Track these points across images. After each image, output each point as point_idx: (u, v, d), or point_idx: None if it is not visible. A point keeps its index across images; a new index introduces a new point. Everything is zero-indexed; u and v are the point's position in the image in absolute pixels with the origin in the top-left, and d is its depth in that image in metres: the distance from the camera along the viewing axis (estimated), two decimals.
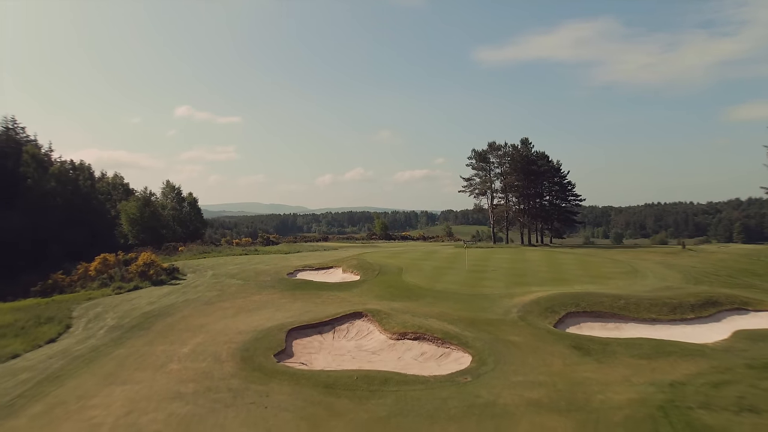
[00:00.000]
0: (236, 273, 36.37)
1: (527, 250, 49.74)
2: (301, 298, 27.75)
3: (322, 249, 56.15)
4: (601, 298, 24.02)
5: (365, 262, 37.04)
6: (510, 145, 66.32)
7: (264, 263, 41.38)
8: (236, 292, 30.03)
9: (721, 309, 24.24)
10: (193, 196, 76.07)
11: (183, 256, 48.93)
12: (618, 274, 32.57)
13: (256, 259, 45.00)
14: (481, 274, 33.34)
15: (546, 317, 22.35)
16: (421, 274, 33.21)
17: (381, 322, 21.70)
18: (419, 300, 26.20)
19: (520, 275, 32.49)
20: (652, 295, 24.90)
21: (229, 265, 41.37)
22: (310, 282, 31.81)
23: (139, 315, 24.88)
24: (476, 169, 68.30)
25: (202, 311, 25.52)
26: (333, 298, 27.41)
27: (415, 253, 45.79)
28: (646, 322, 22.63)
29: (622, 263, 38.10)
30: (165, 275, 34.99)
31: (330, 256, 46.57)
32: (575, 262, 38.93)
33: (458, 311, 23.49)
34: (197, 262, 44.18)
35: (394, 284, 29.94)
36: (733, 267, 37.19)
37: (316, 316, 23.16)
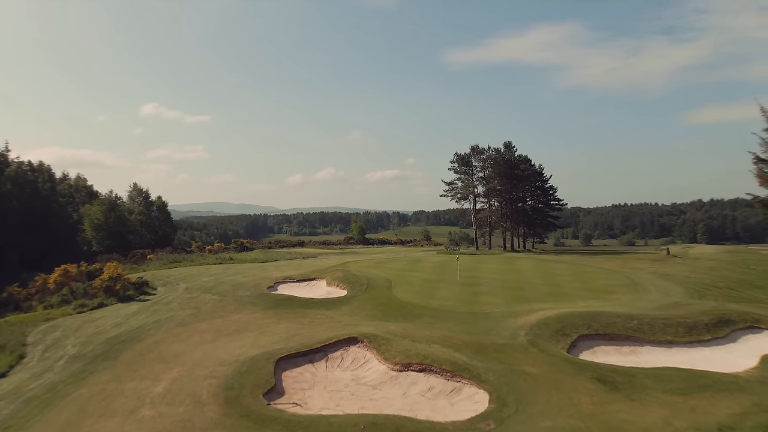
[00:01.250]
0: (212, 286, 33.75)
1: (516, 259, 48.23)
2: (286, 317, 25.42)
3: (300, 257, 53.66)
4: (613, 318, 22.42)
5: (351, 274, 34.83)
6: (493, 149, 64.98)
7: (241, 274, 38.77)
8: (213, 310, 27.52)
9: (735, 328, 22.97)
10: (162, 200, 72.35)
11: (152, 266, 45.84)
12: (618, 288, 31.17)
13: (232, 269, 42.30)
14: (475, 287, 31.54)
15: (557, 341, 20.61)
16: (411, 288, 31.21)
17: (379, 349, 19.58)
18: (415, 320, 24.19)
19: (516, 289, 30.79)
20: (664, 314, 23.42)
21: (204, 276, 38.64)
22: (294, 298, 29.44)
23: (105, 341, 22.20)
24: (459, 173, 66.72)
25: (177, 335, 22.99)
26: (321, 318, 25.16)
27: (399, 263, 43.75)
28: (662, 344, 21.12)
29: (617, 274, 36.83)
30: (133, 290, 32.17)
31: (310, 265, 44.19)
32: (569, 272, 37.50)
33: (461, 334, 21.58)
34: (168, 272, 41.25)
35: (385, 301, 27.86)
36: (728, 277, 36.37)
37: (305, 341, 20.91)
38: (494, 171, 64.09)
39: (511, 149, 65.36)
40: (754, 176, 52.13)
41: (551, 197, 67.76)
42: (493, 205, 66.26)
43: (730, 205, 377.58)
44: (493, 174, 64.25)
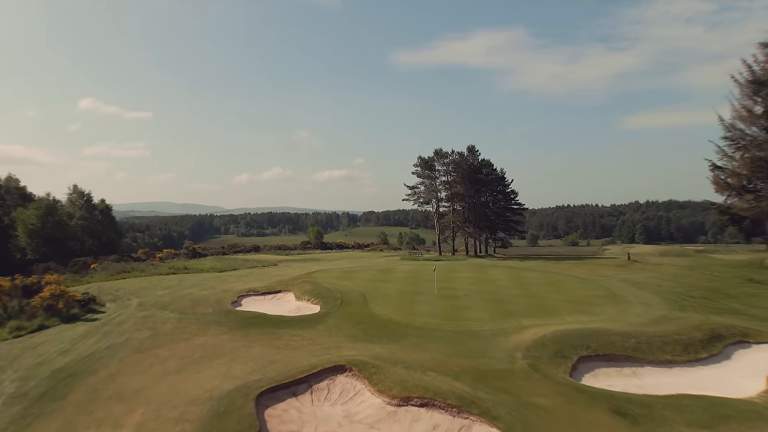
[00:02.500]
0: (168, 302, 30.88)
1: (486, 267, 47.30)
2: (258, 340, 23.09)
3: (260, 265, 50.91)
4: (611, 337, 21.42)
5: (321, 287, 32.70)
6: (456, 153, 64.17)
7: (199, 287, 35.93)
8: (173, 331, 24.81)
9: (726, 343, 22.44)
10: (106, 203, 67.47)
11: (97, 277, 42.05)
12: (598, 299, 30.51)
13: (189, 280, 39.26)
14: (454, 300, 30.12)
15: (558, 364, 19.35)
16: (389, 302, 29.43)
17: (371, 379, 17.67)
18: (401, 341, 22.44)
19: (497, 302, 29.57)
20: (659, 331, 22.65)
21: (158, 289, 35.55)
22: (264, 316, 27.02)
23: (49, 374, 19.26)
24: (422, 177, 65.55)
25: (135, 364, 20.29)
26: (297, 340, 23.00)
27: (369, 272, 41.90)
28: (662, 365, 20.25)
29: (591, 283, 36.37)
30: (78, 308, 28.86)
31: (273, 275, 41.73)
32: (543, 282, 36.76)
33: (454, 357, 20.00)
34: (116, 284, 37.83)
35: (364, 319, 25.94)
36: (697, 285, 36.57)
37: (285, 370, 18.72)
38: (458, 175, 63.30)
39: (475, 153, 64.81)
40: (711, 183, 53.60)
41: (512, 201, 67.76)
42: (457, 209, 65.43)
43: (664, 206, 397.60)
44: (457, 178, 63.47)
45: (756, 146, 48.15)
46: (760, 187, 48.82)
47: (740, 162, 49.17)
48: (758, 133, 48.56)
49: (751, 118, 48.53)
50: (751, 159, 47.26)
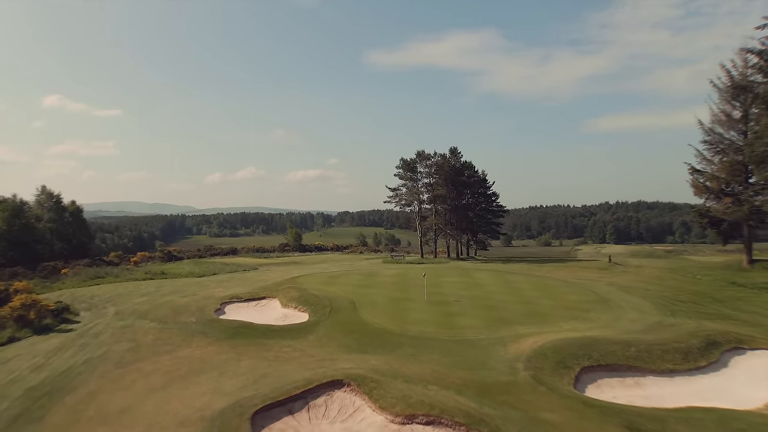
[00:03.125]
0: (147, 310, 29.51)
1: (472, 270, 46.86)
2: (246, 352, 22.02)
3: (240, 269, 49.53)
4: (610, 346, 21.04)
5: (307, 294, 31.71)
6: (438, 155, 63.74)
7: (179, 293, 34.56)
8: (155, 342, 23.58)
9: (723, 350, 22.29)
10: (76, 205, 64.88)
11: (69, 282, 40.14)
12: (590, 304, 30.25)
13: (167, 286, 37.79)
14: (445, 307, 29.49)
15: (561, 375, 18.85)
16: (379, 309, 28.66)
17: (371, 394, 16.85)
18: (396, 351, 21.70)
19: (489, 308, 29.05)
20: (657, 338, 22.40)
21: (135, 296, 34.08)
22: (250, 326, 25.89)
23: (23, 393, 17.92)
24: (404, 179, 64.92)
25: (117, 381, 19.06)
26: (288, 351, 22.03)
27: (354, 277, 41.01)
28: (664, 374, 19.95)
29: (579, 287, 36.20)
30: (51, 318, 27.30)
31: (255, 280, 40.53)
32: (531, 286, 36.45)
33: (454, 369, 19.33)
34: (90, 291, 36.16)
35: (356, 327, 25.10)
36: (683, 288, 36.77)
37: (278, 385, 17.76)
38: (440, 177, 62.89)
39: (457, 155, 64.48)
40: (690, 186, 54.31)
41: (494, 204, 67.69)
42: (439, 211, 64.94)
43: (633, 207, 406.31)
44: (440, 180, 63.04)
45: (734, 150, 48.90)
46: (738, 190, 49.67)
47: (719, 166, 49.89)
48: (736, 137, 49.35)
49: (730, 122, 49.27)
50: (729, 163, 47.97)
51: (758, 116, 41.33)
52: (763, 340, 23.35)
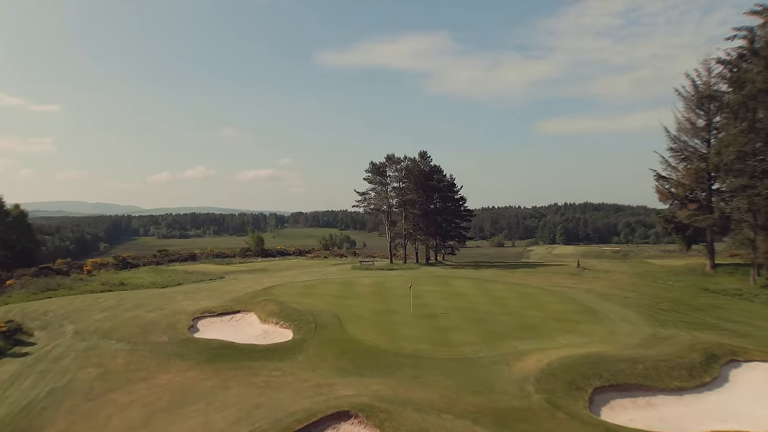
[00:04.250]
0: (111, 328, 27.02)
1: (447, 278, 45.93)
2: (232, 378, 20.17)
3: (206, 278, 46.88)
4: (618, 364, 20.42)
5: (287, 307, 29.87)
6: (408, 159, 62.79)
7: (143, 306, 32.03)
8: (127, 368, 21.37)
9: (721, 363, 22.07)
10: (21, 209, 60.01)
11: (17, 296, 36.60)
12: (577, 315, 29.85)
13: (129, 298, 35.03)
14: (434, 320, 28.37)
15: (575, 398, 18.01)
16: (366, 324, 27.24)
17: (382, 426, 15.42)
18: (396, 373, 20.38)
19: (479, 321, 28.13)
20: (660, 354, 21.95)
21: (94, 311, 31.31)
22: (232, 346, 23.89)
23: None
24: (373, 183, 63.59)
25: (89, 417, 16.91)
26: (278, 376, 20.33)
27: (330, 287, 39.32)
28: (673, 392, 19.44)
29: (560, 296, 35.88)
30: (2, 340, 24.47)
31: (224, 290, 38.28)
32: (513, 295, 35.88)
33: (462, 393, 18.19)
34: (42, 306, 33.05)
35: (347, 346, 23.60)
36: (660, 296, 37.11)
37: (276, 417, 16.08)
38: (410, 182, 61.94)
39: (426, 159, 63.73)
40: (655, 192, 55.47)
41: (461, 208, 67.33)
42: (409, 216, 63.90)
43: (580, 208, 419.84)
44: (410, 185, 62.08)
45: (698, 157, 50.18)
46: (702, 197, 51.00)
47: (684, 173, 51.10)
48: (700, 145, 50.67)
49: (694, 130, 50.50)
50: (695, 170, 49.14)
51: (725, 125, 42.32)
52: (756, 352, 23.33)
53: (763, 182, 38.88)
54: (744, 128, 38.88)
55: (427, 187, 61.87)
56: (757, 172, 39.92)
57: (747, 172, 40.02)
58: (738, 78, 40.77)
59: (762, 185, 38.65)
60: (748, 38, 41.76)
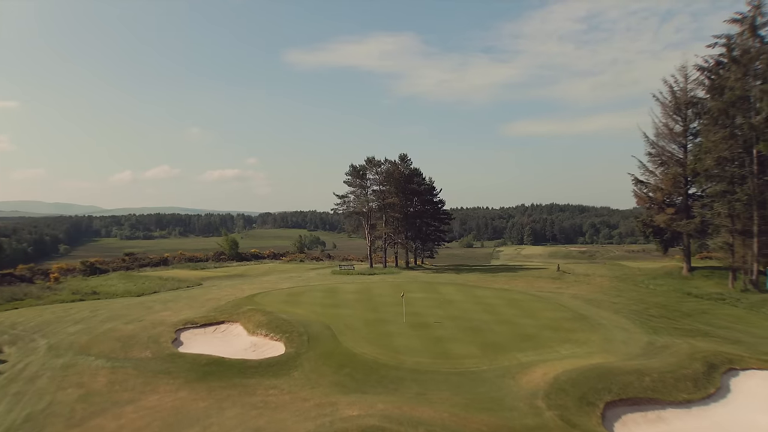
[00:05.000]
0: (88, 343, 25.40)
1: (433, 284, 45.26)
2: (228, 398, 18.99)
3: (183, 285, 45.19)
4: (626, 376, 20.07)
5: (275, 318, 28.67)
6: (388, 162, 62.03)
7: (121, 318, 30.37)
8: (111, 388, 19.90)
9: (720, 372, 22.07)
10: None
11: None
12: (569, 322, 29.56)
13: (103, 309, 33.22)
14: (428, 330, 27.65)
15: (588, 413, 17.52)
16: (359, 335, 26.33)
17: None
18: (400, 389, 19.56)
19: (474, 331, 27.53)
20: (663, 364, 21.71)
21: (67, 323, 29.53)
22: (222, 362, 22.56)
23: None
24: (353, 186, 62.60)
25: None
26: (276, 394, 19.23)
27: (315, 294, 38.22)
28: (681, 405, 19.19)
29: (549, 302, 35.67)
30: None
31: (206, 299, 36.80)
32: (502, 301, 35.50)
33: (472, 411, 17.45)
34: (8, 317, 31.16)
35: (344, 360, 22.61)
36: (646, 301, 37.37)
37: None
38: (391, 185, 61.22)
39: (406, 162, 63.13)
40: (633, 196, 56.17)
41: (441, 211, 67.04)
42: (389, 220, 63.12)
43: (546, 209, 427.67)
44: (391, 188, 61.35)
45: (676, 162, 51.01)
46: (678, 201, 51.88)
47: (662, 177, 51.86)
48: (677, 150, 51.52)
49: (672, 135, 51.33)
50: (673, 175, 49.89)
51: (705, 131, 43.00)
52: (752, 360, 23.43)
53: (742, 188, 39.65)
54: (726, 134, 39.51)
55: (407, 190, 61.33)
56: (735, 177, 40.72)
57: (726, 177, 40.78)
58: (718, 85, 41.48)
59: (742, 191, 39.39)
60: (726, 46, 42.60)
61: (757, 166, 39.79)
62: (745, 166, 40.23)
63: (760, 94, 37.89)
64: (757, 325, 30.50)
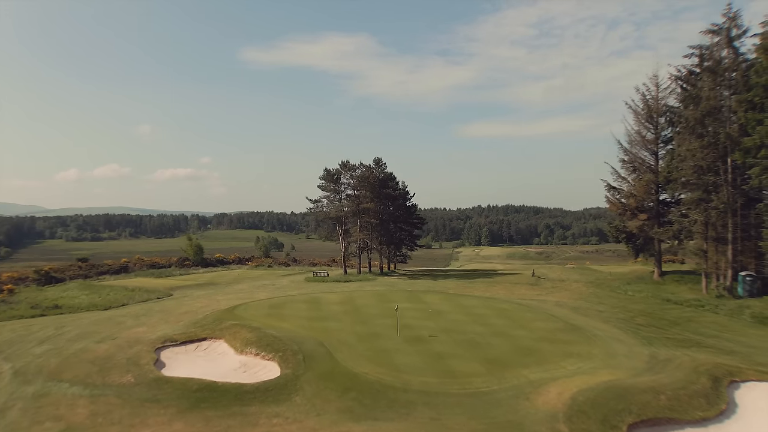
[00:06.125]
0: (60, 366, 23.19)
1: (415, 292, 44.17)
2: (228, 430, 17.38)
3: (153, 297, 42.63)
4: (642, 395, 19.63)
5: (264, 334, 26.98)
6: (362, 165, 60.82)
7: (91, 336, 28.08)
8: (94, 421, 17.98)
9: (724, 385, 22.13)
10: None
11: None
12: (563, 333, 29.13)
13: (69, 325, 30.69)
14: (425, 345, 26.66)
15: None
16: (356, 352, 25.06)
17: None
18: (412, 414, 18.49)
19: (471, 345, 26.69)
20: (673, 380, 21.40)
21: (30, 343, 27.04)
22: (214, 387, 20.80)
23: None
24: (327, 191, 61.03)
25: None
26: (281, 424, 17.77)
27: (297, 306, 36.58)
28: (699, 424, 18.85)
29: (536, 311, 35.28)
30: None
31: (181, 312, 34.66)
32: (491, 311, 34.90)
33: None
34: None
35: (347, 382, 21.28)
36: (630, 309, 37.65)
37: None
38: (366, 190, 60.05)
39: (381, 166, 62.10)
40: (606, 202, 57.02)
41: (414, 216, 66.38)
42: (364, 225, 61.90)
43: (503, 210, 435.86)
44: (366, 193, 60.17)
45: (647, 169, 52.02)
46: (648, 206, 52.92)
47: (635, 184, 52.80)
48: (649, 157, 52.55)
49: (644, 142, 52.32)
50: (645, 182, 50.82)
51: (681, 139, 43.82)
52: (750, 371, 23.50)
53: (718, 196, 40.56)
54: (705, 143, 40.29)
55: (382, 195, 60.35)
56: (710, 185, 41.63)
57: (702, 186, 41.64)
58: (695, 95, 42.29)
59: (718, 199, 40.29)
60: (701, 56, 43.57)
61: (732, 174, 40.79)
62: (720, 174, 41.16)
63: (736, 105, 38.80)
64: (743, 333, 31.00)
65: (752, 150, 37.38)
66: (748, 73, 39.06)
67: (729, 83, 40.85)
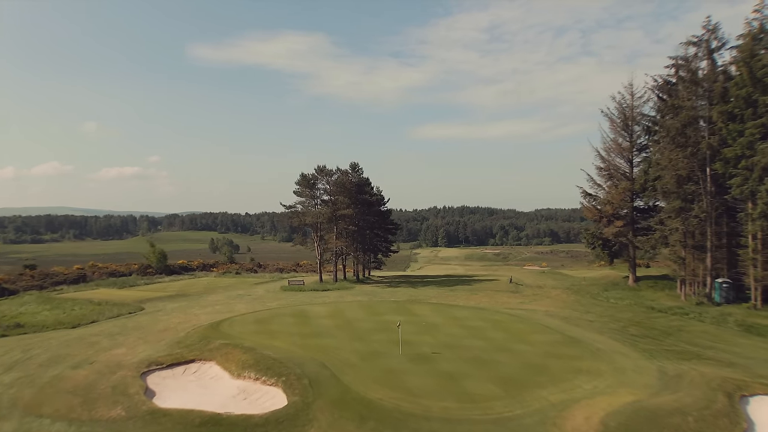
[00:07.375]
0: (35, 398, 20.88)
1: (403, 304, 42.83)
2: None
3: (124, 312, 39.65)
4: (671, 417, 19.14)
5: (262, 356, 25.21)
6: (339, 170, 59.24)
7: (65, 360, 25.61)
8: None
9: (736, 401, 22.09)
10: None
11: None
12: (565, 347, 28.65)
13: (37, 347, 27.97)
14: (432, 364, 25.50)
15: None
16: (363, 374, 23.66)
17: None
18: None
19: (479, 362, 25.78)
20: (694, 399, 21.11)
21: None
22: (219, 420, 18.95)
23: None
24: (302, 196, 59.09)
25: None
26: None
27: (285, 320, 34.75)
28: None
29: (529, 323, 34.84)
30: None
31: (159, 329, 32.38)
32: (486, 324, 34.21)
33: None
34: None
35: (363, 410, 19.83)
36: (619, 318, 37.77)
37: None
38: (344, 195, 58.50)
39: (357, 171, 60.69)
40: (582, 208, 57.55)
41: (389, 222, 65.31)
42: (342, 232, 60.26)
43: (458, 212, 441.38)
44: (344, 199, 58.61)
45: (622, 176, 52.80)
46: (624, 213, 53.77)
47: (611, 191, 53.52)
48: (624, 165, 53.36)
49: (620, 150, 53.09)
50: (622, 189, 51.55)
51: (661, 148, 44.52)
52: (755, 384, 23.63)
53: (699, 205, 41.36)
54: (687, 153, 40.98)
55: (359, 201, 58.99)
56: (689, 195, 42.45)
57: (682, 195, 42.40)
58: (675, 104, 43.01)
59: (699, 208, 41.08)
60: (678, 67, 44.42)
61: (711, 184, 41.68)
62: (700, 183, 42.00)
63: (717, 115, 39.61)
64: (734, 342, 31.41)
65: (732, 160, 38.23)
66: (727, 84, 39.99)
67: (708, 94, 41.73)
